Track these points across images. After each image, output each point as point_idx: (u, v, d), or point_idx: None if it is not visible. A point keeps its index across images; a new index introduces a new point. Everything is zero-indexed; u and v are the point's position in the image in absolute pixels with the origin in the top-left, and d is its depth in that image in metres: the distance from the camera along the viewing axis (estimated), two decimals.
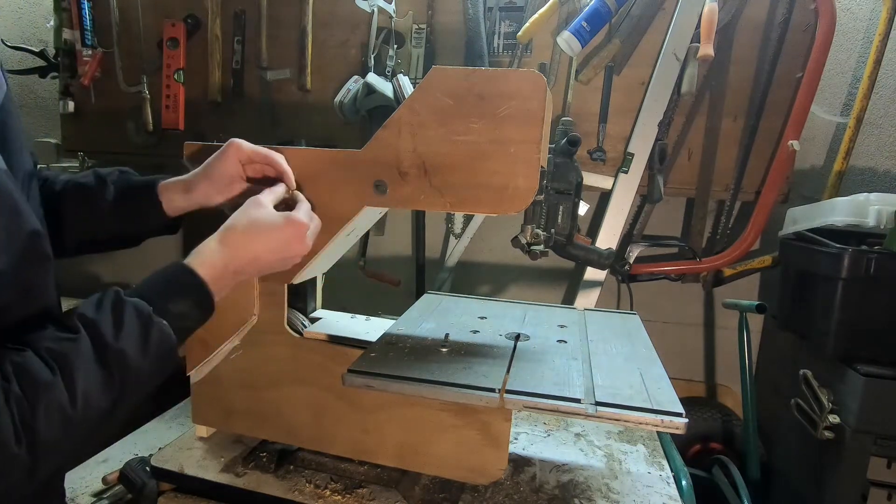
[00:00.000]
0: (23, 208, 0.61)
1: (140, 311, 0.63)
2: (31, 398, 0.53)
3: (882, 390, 1.30)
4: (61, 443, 0.56)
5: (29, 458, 0.53)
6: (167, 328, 0.64)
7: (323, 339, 1.03)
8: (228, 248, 0.73)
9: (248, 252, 0.74)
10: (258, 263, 0.76)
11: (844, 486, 1.37)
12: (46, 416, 0.54)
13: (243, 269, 0.75)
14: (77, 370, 0.57)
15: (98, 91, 2.18)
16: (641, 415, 0.74)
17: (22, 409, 0.53)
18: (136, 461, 1.06)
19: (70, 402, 0.56)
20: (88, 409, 0.57)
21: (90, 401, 0.57)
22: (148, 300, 0.65)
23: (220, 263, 0.72)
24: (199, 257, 0.72)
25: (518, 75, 0.84)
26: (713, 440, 1.86)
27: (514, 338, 1.01)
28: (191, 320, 0.69)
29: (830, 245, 1.42)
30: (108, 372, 0.59)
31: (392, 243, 2.17)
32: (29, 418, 0.53)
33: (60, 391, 0.55)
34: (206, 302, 0.70)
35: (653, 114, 1.77)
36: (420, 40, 1.92)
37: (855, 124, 1.69)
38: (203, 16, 2.05)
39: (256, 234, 0.75)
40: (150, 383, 0.66)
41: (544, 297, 2.10)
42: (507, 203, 0.87)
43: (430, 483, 0.98)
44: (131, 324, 0.61)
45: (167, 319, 0.65)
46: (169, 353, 0.65)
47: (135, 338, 0.61)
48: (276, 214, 0.78)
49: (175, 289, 0.68)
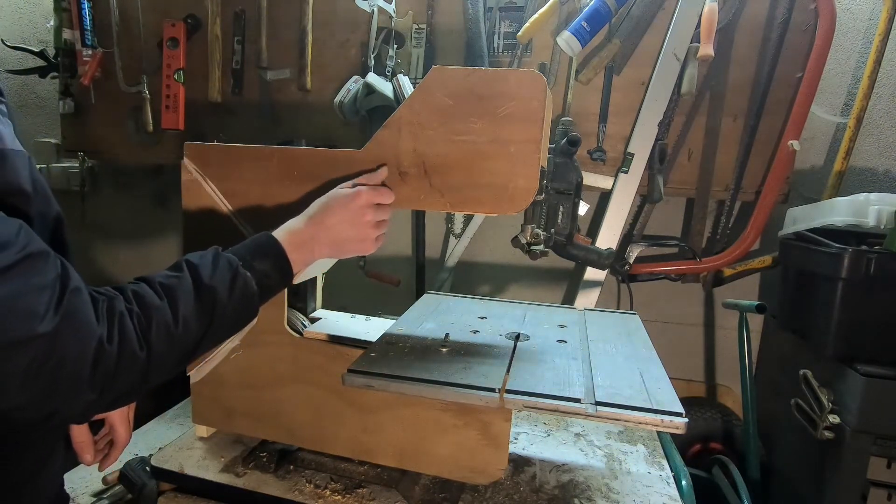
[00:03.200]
0: (51, 194, 0.73)
1: (231, 262, 0.76)
2: (146, 316, 0.67)
3: (882, 390, 1.30)
4: (166, 356, 0.68)
5: (146, 362, 0.65)
6: (250, 279, 0.76)
7: (323, 339, 1.03)
8: (307, 220, 0.86)
9: (324, 223, 0.85)
10: (334, 233, 0.86)
11: (844, 486, 1.37)
12: (157, 331, 0.67)
13: (321, 239, 0.85)
14: (180, 299, 0.70)
15: (98, 91, 2.17)
16: (641, 415, 0.74)
17: (140, 323, 0.66)
18: (136, 461, 1.06)
19: (174, 322, 0.68)
20: (187, 332, 0.70)
21: (188, 324, 0.70)
22: (239, 257, 0.78)
23: (299, 234, 0.84)
24: (283, 229, 0.85)
25: (518, 75, 0.84)
26: (713, 440, 1.86)
27: (514, 338, 1.01)
28: (271, 279, 0.80)
29: (830, 245, 1.42)
30: (202, 304, 0.72)
31: (392, 243, 2.17)
32: (146, 330, 0.66)
33: (166, 312, 0.68)
34: (284, 266, 0.82)
35: (653, 114, 1.77)
36: (420, 40, 1.92)
37: (855, 124, 1.69)
38: (203, 16, 2.05)
39: (330, 207, 0.86)
40: (232, 323, 0.77)
41: (544, 297, 2.10)
42: (507, 203, 0.87)
43: (430, 483, 0.98)
44: (223, 270, 0.75)
45: (251, 273, 0.77)
46: (250, 300, 0.77)
47: (224, 281, 0.74)
48: (346, 189, 0.88)
49: (260, 252, 0.80)
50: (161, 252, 2.46)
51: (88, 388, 0.61)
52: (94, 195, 2.39)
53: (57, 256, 0.63)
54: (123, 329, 0.64)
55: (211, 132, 2.08)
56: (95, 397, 0.62)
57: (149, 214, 2.43)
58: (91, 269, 2.55)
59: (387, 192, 0.90)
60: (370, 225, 0.87)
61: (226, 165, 1.00)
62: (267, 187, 0.98)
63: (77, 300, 0.61)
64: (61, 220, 0.76)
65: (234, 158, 0.99)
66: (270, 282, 0.80)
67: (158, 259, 2.44)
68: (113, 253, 2.54)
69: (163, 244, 2.47)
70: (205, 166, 1.01)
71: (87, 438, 0.89)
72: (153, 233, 2.46)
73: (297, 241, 0.83)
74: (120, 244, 2.52)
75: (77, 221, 2.38)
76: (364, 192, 0.87)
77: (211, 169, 1.01)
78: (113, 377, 0.63)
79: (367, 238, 0.88)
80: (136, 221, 2.46)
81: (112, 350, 0.62)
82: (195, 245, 0.77)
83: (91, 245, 2.54)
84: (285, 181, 0.96)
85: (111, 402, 0.66)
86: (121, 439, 0.92)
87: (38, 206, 0.69)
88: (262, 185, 0.98)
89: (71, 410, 0.63)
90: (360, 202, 0.86)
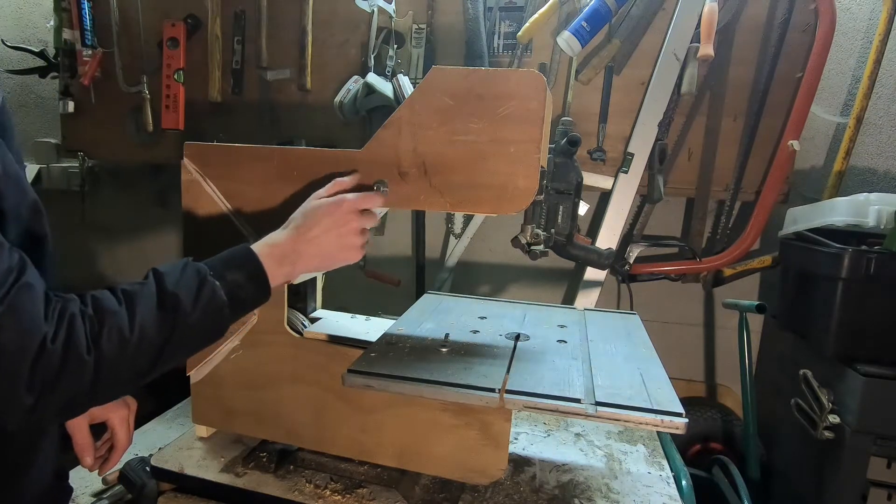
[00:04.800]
0: (26, 182, 0.70)
1: (199, 270, 0.73)
2: (99, 319, 0.64)
3: (882, 390, 1.30)
4: (118, 363, 0.65)
5: (94, 369, 0.63)
6: (219, 288, 0.73)
7: (323, 339, 1.03)
8: (289, 233, 0.83)
9: (307, 235, 0.82)
10: (317, 245, 0.82)
11: (844, 486, 1.37)
12: (108, 336, 0.64)
13: (304, 253, 0.82)
14: (138, 305, 0.67)
15: (98, 91, 2.17)
16: (641, 415, 0.74)
17: (92, 327, 0.64)
18: (136, 461, 1.06)
19: (129, 327, 0.65)
20: (143, 339, 0.66)
21: (145, 331, 0.67)
22: (210, 267, 0.75)
23: (280, 247, 0.81)
24: (263, 241, 0.82)
25: (518, 75, 0.84)
26: (713, 440, 1.86)
27: (514, 338, 1.01)
28: (244, 291, 0.76)
29: (830, 245, 1.42)
30: (163, 312, 0.69)
31: (392, 243, 2.17)
32: (96, 335, 0.63)
33: (122, 317, 0.66)
34: (260, 278, 0.78)
35: (653, 114, 1.77)
36: (420, 40, 1.92)
37: (855, 124, 1.69)
38: (203, 16, 2.05)
39: (312, 217, 0.83)
40: (199, 334, 0.73)
41: (544, 297, 2.10)
42: (507, 203, 0.87)
43: (430, 483, 0.98)
44: (189, 278, 0.72)
45: (221, 283, 0.74)
46: (218, 311, 0.73)
47: (190, 289, 0.71)
48: (328, 198, 0.85)
49: (233, 262, 0.77)
50: (161, 252, 2.46)
51: (26, 389, 0.59)
52: (94, 195, 2.39)
53: (15, 251, 0.62)
54: (72, 330, 0.62)
55: (211, 132, 2.08)
56: (32, 401, 0.59)
57: (149, 214, 2.43)
58: (91, 269, 2.56)
59: (373, 196, 0.87)
60: (355, 233, 0.84)
61: (226, 165, 1.00)
62: (267, 187, 0.98)
63: (25, 295, 0.60)
64: (39, 210, 0.72)
65: (234, 158, 0.99)
66: (243, 293, 0.76)
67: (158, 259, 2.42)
68: (113, 253, 2.54)
69: (163, 244, 2.47)
70: (205, 166, 1.01)
71: (88, 442, 0.89)
72: (153, 233, 2.46)
73: (278, 254, 0.80)
74: (120, 244, 2.52)
75: (77, 221, 2.38)
76: (348, 198, 0.84)
77: (211, 169, 1.01)
78: (54, 381, 0.60)
79: (353, 246, 0.85)
80: (136, 221, 2.46)
81: (55, 350, 0.60)
82: (195, 245, 0.77)
83: (91, 245, 2.54)
84: (285, 181, 0.96)
85: (54, 411, 0.63)
86: (121, 443, 0.91)
87: (9, 192, 0.66)
88: (262, 185, 0.98)
89: (4, 410, 0.60)
90: (343, 209, 0.83)
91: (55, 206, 2.42)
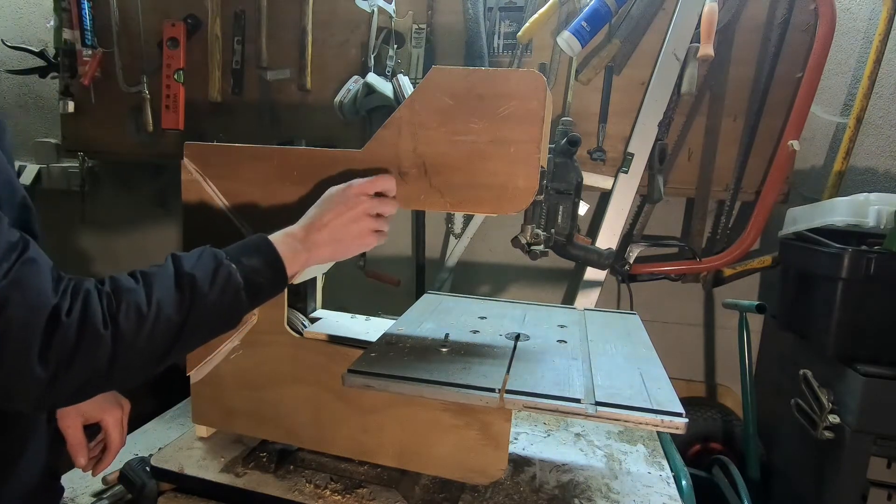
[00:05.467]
0: (15, 179, 0.70)
1: (216, 255, 0.75)
2: (116, 297, 0.65)
3: (882, 390, 1.30)
4: (136, 342, 0.65)
5: (111, 345, 0.63)
6: (235, 271, 0.74)
7: (323, 339, 1.03)
8: (302, 221, 0.85)
9: (319, 221, 0.83)
10: (330, 230, 0.83)
11: (844, 486, 1.37)
12: (126, 312, 0.64)
13: (317, 240, 0.83)
14: (156, 284, 0.68)
15: (98, 91, 2.17)
16: (641, 415, 0.74)
17: (109, 303, 0.64)
18: (136, 461, 1.06)
19: (146, 304, 0.66)
20: (161, 316, 0.67)
21: (163, 309, 0.67)
22: (227, 252, 0.76)
23: (294, 234, 0.82)
24: (278, 232, 0.83)
25: (518, 75, 0.84)
26: (713, 440, 1.86)
27: (514, 338, 1.01)
28: (261, 276, 0.77)
29: (830, 245, 1.42)
30: (181, 292, 0.69)
31: (392, 243, 2.17)
32: (114, 311, 0.64)
33: (140, 294, 0.66)
34: (276, 264, 0.79)
35: (653, 114, 1.77)
36: (420, 40, 1.92)
37: (855, 124, 1.69)
38: (203, 16, 2.05)
39: (325, 205, 0.85)
40: (216, 316, 0.74)
41: (544, 297, 2.10)
42: (507, 203, 0.87)
43: (430, 483, 0.98)
44: (206, 261, 0.73)
45: (238, 268, 0.75)
46: (235, 293, 0.74)
47: (206, 271, 0.72)
48: (339, 185, 0.86)
49: (249, 249, 0.79)
50: (161, 252, 2.43)
51: (39, 361, 0.58)
52: (94, 195, 2.39)
53: (16, 229, 0.62)
54: (88, 304, 0.61)
55: (211, 132, 2.08)
56: (48, 376, 0.59)
57: (149, 214, 2.43)
58: (91, 269, 2.55)
59: (383, 178, 0.87)
60: (367, 216, 0.84)
61: (226, 165, 1.00)
62: (267, 187, 0.98)
63: (30, 269, 0.60)
64: (29, 208, 0.72)
65: (234, 158, 0.99)
66: (260, 278, 0.77)
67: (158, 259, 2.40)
68: (113, 253, 2.54)
69: (163, 244, 2.47)
70: (205, 166, 1.01)
71: (82, 441, 0.88)
72: (153, 233, 2.46)
73: (292, 242, 0.81)
74: (120, 244, 2.52)
75: (77, 221, 2.38)
76: (357, 181, 0.85)
77: (211, 169, 1.01)
78: (71, 355, 0.60)
79: (366, 231, 0.85)
80: (136, 221, 2.46)
81: (70, 323, 0.60)
82: (195, 245, 0.77)
83: (91, 245, 2.55)
84: (285, 181, 0.96)
85: (70, 389, 0.62)
86: (114, 444, 0.91)
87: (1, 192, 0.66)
88: (262, 185, 0.98)
89: (19, 387, 0.59)
90: (352, 192, 0.84)
91: (55, 206, 2.44)
